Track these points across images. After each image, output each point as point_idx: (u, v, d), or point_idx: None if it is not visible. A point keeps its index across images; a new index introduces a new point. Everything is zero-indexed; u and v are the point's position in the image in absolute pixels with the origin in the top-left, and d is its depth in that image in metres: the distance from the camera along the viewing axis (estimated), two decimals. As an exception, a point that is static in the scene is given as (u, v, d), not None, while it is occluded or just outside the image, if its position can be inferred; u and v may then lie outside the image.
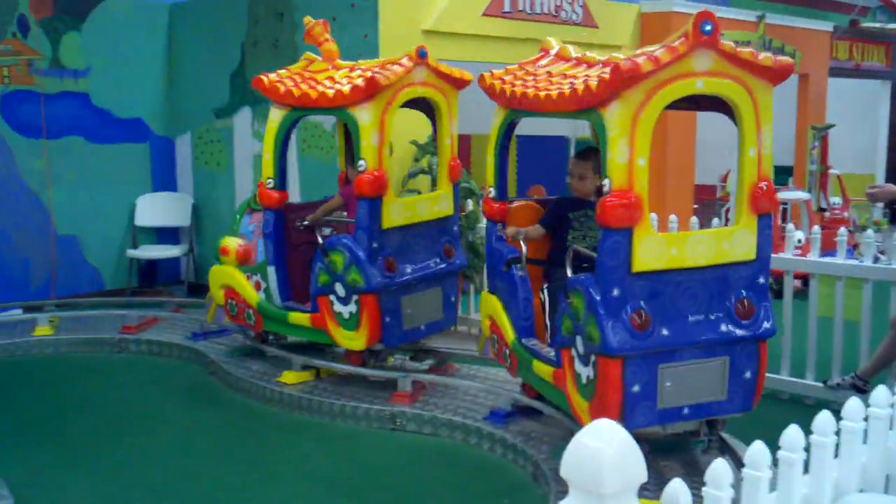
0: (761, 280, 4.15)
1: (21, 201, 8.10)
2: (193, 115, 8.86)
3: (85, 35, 8.42)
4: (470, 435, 5.02)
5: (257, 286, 6.02)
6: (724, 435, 4.34)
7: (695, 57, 3.85)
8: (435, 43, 7.49)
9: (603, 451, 1.97)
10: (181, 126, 9.01)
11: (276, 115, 5.74)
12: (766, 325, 4.12)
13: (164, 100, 9.00)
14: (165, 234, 9.00)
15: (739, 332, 4.08)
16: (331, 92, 5.38)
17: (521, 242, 4.85)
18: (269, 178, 5.81)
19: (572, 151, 9.75)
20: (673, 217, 6.21)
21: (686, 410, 4.07)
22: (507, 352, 4.95)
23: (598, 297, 3.88)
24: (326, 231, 6.00)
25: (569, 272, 4.35)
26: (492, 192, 5.05)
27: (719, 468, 2.23)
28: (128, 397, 5.89)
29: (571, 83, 4.08)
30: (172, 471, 4.73)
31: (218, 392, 5.99)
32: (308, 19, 6.01)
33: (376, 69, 5.35)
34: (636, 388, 3.91)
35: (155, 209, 8.83)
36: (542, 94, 4.26)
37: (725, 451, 4.27)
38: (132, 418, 5.50)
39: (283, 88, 5.61)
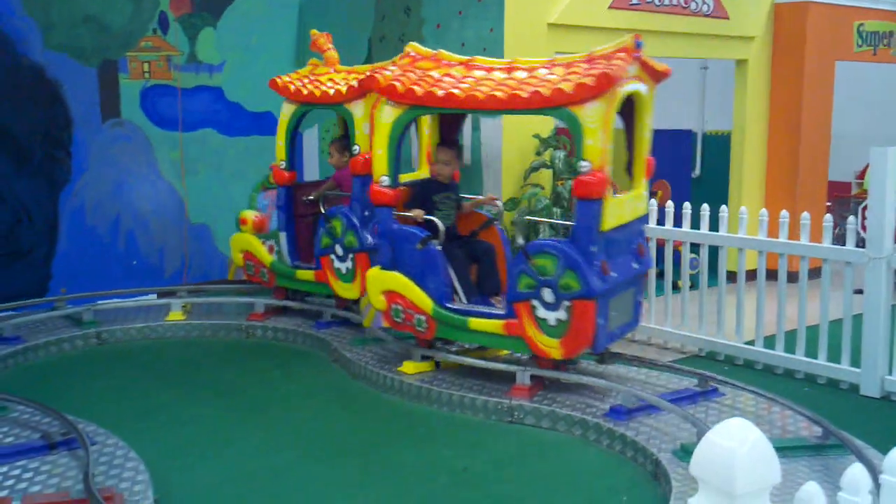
0: (643, 227, 5.68)
1: (158, 191, 8.48)
2: (321, 109, 9.02)
3: (220, 31, 8.73)
4: (589, 431, 4.98)
5: (270, 249, 7.21)
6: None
7: (631, 67, 5.07)
8: (560, 36, 7.44)
9: (735, 451, 1.93)
10: (309, 120, 9.21)
11: (287, 110, 7.06)
12: (649, 260, 5.69)
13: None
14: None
15: (640, 267, 5.51)
16: (331, 91, 6.68)
17: (438, 221, 5.66)
18: (281, 160, 7.11)
19: (699, 146, 9.52)
20: (805, 215, 5.99)
21: (618, 331, 5.43)
22: (423, 318, 5.66)
23: (578, 255, 5.00)
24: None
25: (520, 241, 5.59)
26: (385, 180, 5.73)
27: (857, 474, 2.15)
28: (255, 383, 6.08)
29: (543, 84, 5.03)
30: (294, 455, 4.85)
31: (340, 379, 6.12)
32: (314, 32, 7.32)
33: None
34: (601, 321, 5.10)
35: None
36: (501, 94, 5.16)
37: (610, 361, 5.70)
38: (258, 403, 5.68)
39: (293, 88, 6.92)
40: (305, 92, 6.85)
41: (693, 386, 5.41)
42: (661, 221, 6.82)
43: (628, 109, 5.39)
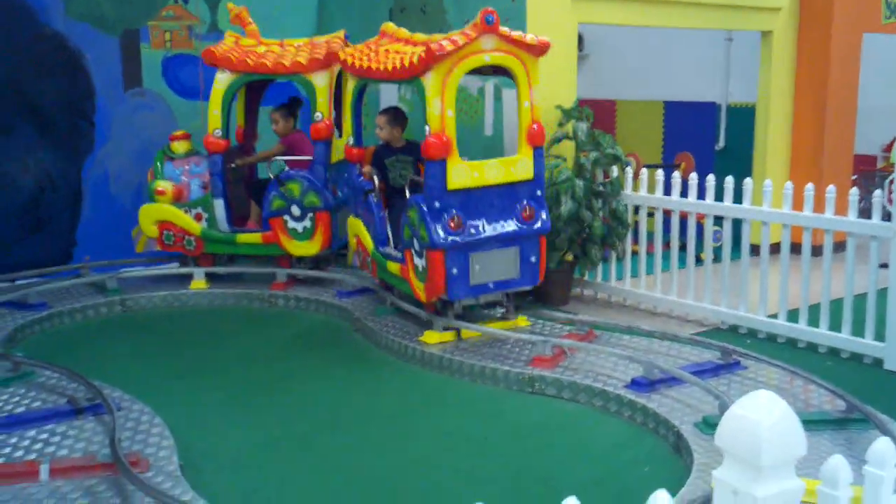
0: (538, 193, 6.01)
1: (181, 160, 8.48)
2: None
3: (241, 1, 8.68)
4: (610, 402, 4.98)
5: (198, 217, 7.28)
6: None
7: (482, 40, 5.63)
8: (584, 6, 7.37)
9: (761, 423, 1.93)
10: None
11: (223, 79, 7.16)
12: (541, 224, 5.97)
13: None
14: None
15: (522, 228, 5.89)
16: (287, 62, 7.08)
17: (374, 177, 6.46)
18: (216, 128, 7.18)
19: (723, 118, 9.44)
20: (831, 188, 5.93)
21: (491, 286, 5.92)
22: (369, 260, 6.58)
23: (425, 208, 5.65)
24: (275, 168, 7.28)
25: (407, 195, 6.04)
26: (350, 140, 6.62)
27: (883, 448, 2.14)
28: (277, 351, 6.12)
29: (401, 59, 5.72)
30: (318, 423, 4.89)
31: (362, 348, 6.16)
32: (231, 5, 7.54)
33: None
34: (455, 271, 5.71)
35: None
36: (378, 66, 5.99)
37: (516, 314, 6.25)
38: (282, 371, 5.72)
39: (234, 58, 7.09)
40: (251, 62, 7.09)
41: (715, 359, 5.40)
42: (684, 193, 6.78)
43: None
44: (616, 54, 10.33)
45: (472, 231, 5.76)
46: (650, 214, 7.12)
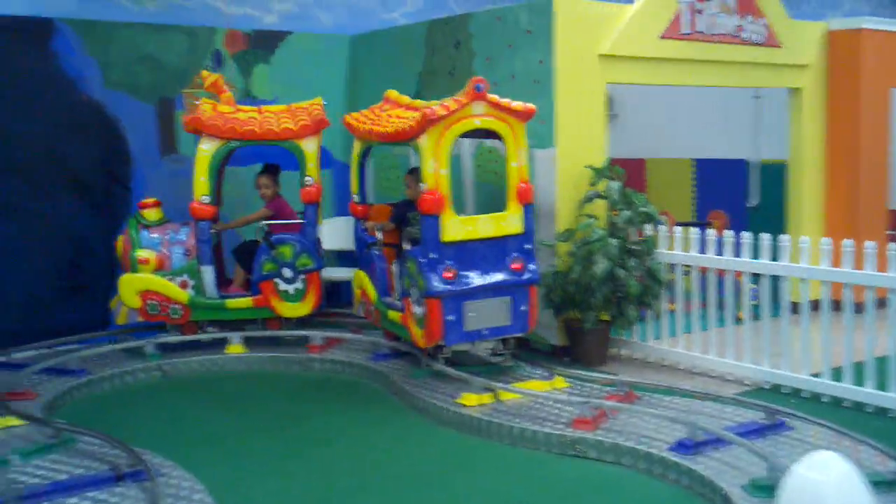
0: (527, 246, 6.48)
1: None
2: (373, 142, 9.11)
3: (273, 67, 8.87)
4: (654, 465, 4.91)
5: (183, 285, 7.26)
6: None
7: (473, 106, 6.21)
8: (612, 67, 7.44)
9: (824, 484, 1.89)
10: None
11: (208, 146, 7.27)
12: (530, 275, 6.42)
13: (345, 128, 9.29)
14: (347, 257, 9.29)
15: (512, 279, 6.34)
16: (277, 128, 7.37)
17: (378, 232, 7.06)
18: (203, 195, 7.27)
19: (755, 175, 9.43)
20: (870, 244, 5.88)
21: (485, 332, 6.36)
22: (373, 309, 7.07)
23: (422, 259, 6.16)
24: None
25: (406, 247, 6.58)
26: (356, 197, 7.28)
27: None
28: (313, 414, 6.10)
29: (400, 123, 6.36)
30: (356, 485, 4.85)
31: (398, 411, 6.12)
32: (205, 73, 7.69)
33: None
34: (451, 317, 6.18)
35: (337, 233, 9.12)
36: (382, 129, 6.59)
37: (516, 357, 6.68)
38: (317, 434, 5.70)
39: (221, 125, 7.23)
40: (238, 129, 7.27)
41: (759, 419, 5.32)
42: (719, 251, 6.75)
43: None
44: (645, 113, 10.38)
45: (466, 281, 6.23)
46: (686, 273, 7.09)
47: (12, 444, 5.11)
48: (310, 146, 7.51)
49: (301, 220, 7.58)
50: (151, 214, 7.52)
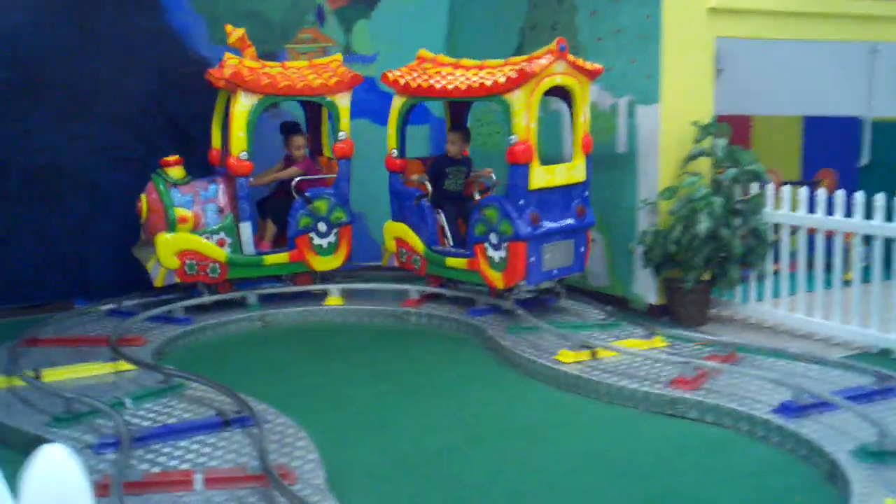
0: (586, 193, 7.03)
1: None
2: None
3: (374, 23, 8.89)
4: (756, 427, 4.81)
5: (221, 243, 7.18)
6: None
7: (556, 64, 6.60)
8: (721, 20, 7.21)
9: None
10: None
11: (247, 101, 7.25)
12: (590, 219, 7.03)
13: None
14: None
15: (577, 223, 6.91)
16: (315, 84, 7.49)
17: (427, 184, 7.38)
18: (242, 151, 7.25)
19: (867, 133, 9.05)
20: None
21: (554, 272, 6.88)
22: (418, 258, 7.38)
23: (509, 207, 6.61)
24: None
25: (476, 197, 7.13)
26: (395, 153, 7.50)
27: None
28: (409, 367, 6.17)
29: (482, 79, 6.76)
30: (453, 440, 4.89)
31: (494, 366, 6.14)
32: (230, 28, 7.56)
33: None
34: (532, 259, 6.67)
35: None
36: (454, 86, 6.94)
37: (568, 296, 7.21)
38: (414, 387, 5.76)
39: (263, 81, 7.25)
40: (280, 85, 7.32)
41: (868, 384, 5.15)
42: (829, 211, 6.52)
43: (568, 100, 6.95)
44: (753, 69, 10.03)
45: (545, 225, 6.70)
46: (792, 233, 6.88)
47: (124, 387, 5.33)
48: (343, 101, 7.64)
49: (332, 176, 7.72)
50: (175, 172, 7.30)
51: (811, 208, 6.67)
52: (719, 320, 7.10)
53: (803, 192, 6.66)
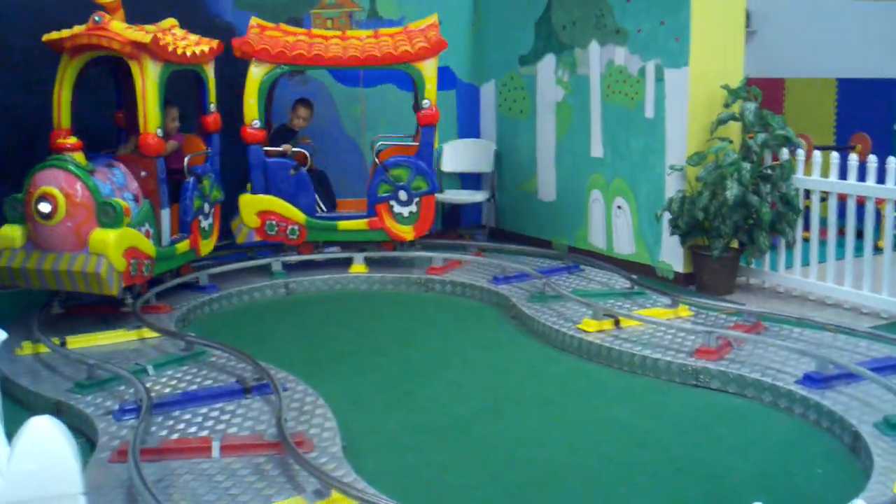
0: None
1: (341, 146, 8.69)
2: (498, 62, 9.00)
3: (403, -15, 8.79)
4: (780, 398, 4.75)
5: (147, 235, 6.19)
6: None
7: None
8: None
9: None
10: (486, 74, 9.19)
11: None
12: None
13: (470, 48, 9.21)
14: (469, 180, 9.27)
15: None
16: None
17: (308, 153, 7.47)
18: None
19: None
20: None
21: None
22: (296, 228, 7.39)
23: (423, 164, 7.37)
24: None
25: (377, 160, 7.49)
26: (256, 123, 7.31)
27: None
28: (435, 335, 6.16)
29: (393, 48, 7.29)
30: (475, 408, 4.88)
31: (518, 334, 6.12)
32: None
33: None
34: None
35: (460, 155, 9.11)
36: (352, 55, 7.30)
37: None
38: (437, 355, 5.76)
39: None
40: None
41: (896, 354, 5.06)
42: (861, 177, 6.37)
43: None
44: (785, 30, 9.82)
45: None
46: (822, 199, 6.74)
47: (147, 354, 5.38)
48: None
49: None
50: (80, 158, 5.95)
51: (843, 174, 6.53)
52: (747, 289, 7.00)
53: (835, 157, 6.51)
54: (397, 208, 7.42)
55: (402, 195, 7.40)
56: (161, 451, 4.01)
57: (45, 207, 5.67)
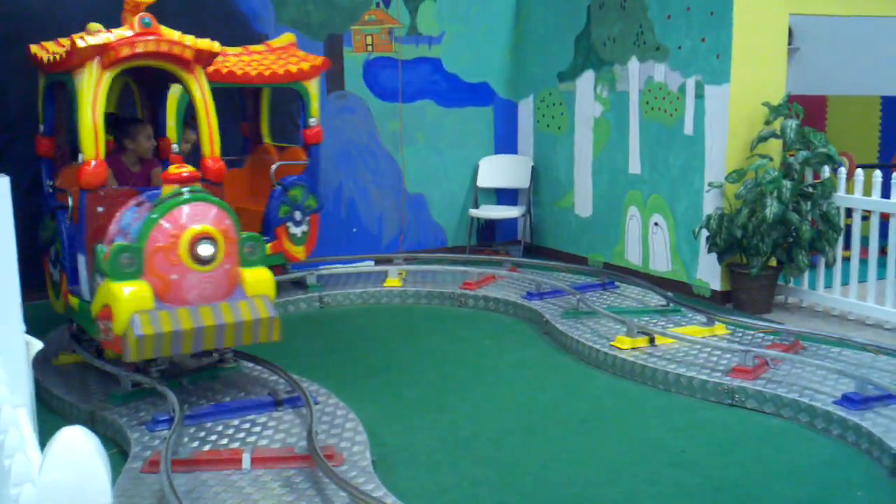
0: None
1: (379, 161, 8.73)
2: (537, 78, 8.99)
3: (440, 3, 8.82)
4: (817, 419, 4.66)
5: None
6: None
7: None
8: (794, -3, 6.98)
9: None
10: (525, 89, 9.19)
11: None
12: None
13: (509, 64, 9.22)
14: (505, 195, 9.27)
15: None
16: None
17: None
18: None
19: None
20: None
21: None
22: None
23: (314, 182, 7.16)
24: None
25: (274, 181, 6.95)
26: (175, 147, 6.00)
27: None
28: (468, 350, 6.14)
29: (284, 66, 6.95)
30: (508, 424, 4.85)
31: (551, 351, 6.08)
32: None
33: None
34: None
35: (496, 171, 9.11)
36: (243, 72, 6.80)
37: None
38: (470, 371, 5.73)
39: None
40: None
41: (938, 376, 4.95)
42: (885, 194, 6.26)
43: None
44: (828, 47, 9.71)
45: None
46: (864, 218, 6.63)
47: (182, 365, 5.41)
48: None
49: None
50: None
51: (886, 193, 6.42)
52: (785, 308, 6.90)
53: (878, 175, 6.41)
54: (293, 229, 7.08)
55: (298, 215, 7.07)
56: (192, 463, 4.04)
57: (206, 250, 4.65)
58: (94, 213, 4.95)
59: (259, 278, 4.88)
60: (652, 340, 5.72)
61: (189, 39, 5.08)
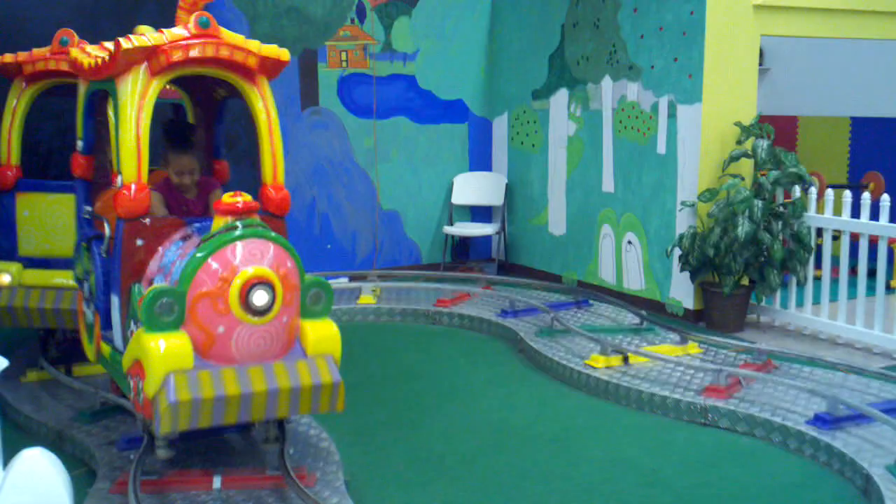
0: None
1: (353, 177, 8.71)
2: (511, 96, 9.02)
3: (415, 20, 8.84)
4: (790, 438, 4.68)
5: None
6: None
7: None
8: (767, 18, 7.05)
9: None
10: (499, 107, 9.22)
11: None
12: None
13: (484, 82, 9.25)
14: (479, 213, 9.28)
15: None
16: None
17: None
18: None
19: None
20: None
21: None
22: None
23: None
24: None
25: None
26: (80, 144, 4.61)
27: None
28: (442, 368, 6.12)
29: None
30: (481, 443, 4.83)
31: (525, 369, 6.07)
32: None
33: None
34: None
35: (471, 188, 9.12)
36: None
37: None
38: (444, 389, 5.71)
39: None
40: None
41: (909, 396, 4.99)
42: (874, 216, 6.33)
43: None
44: (799, 68, 9.84)
45: None
46: (834, 238, 6.70)
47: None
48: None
49: None
50: None
51: (855, 212, 6.49)
52: (757, 326, 6.94)
53: (847, 195, 6.48)
54: None
55: None
56: (162, 483, 3.98)
57: (261, 298, 3.74)
58: (132, 246, 4.00)
59: (323, 334, 4.00)
60: (626, 359, 5.73)
61: (254, 45, 4.16)
